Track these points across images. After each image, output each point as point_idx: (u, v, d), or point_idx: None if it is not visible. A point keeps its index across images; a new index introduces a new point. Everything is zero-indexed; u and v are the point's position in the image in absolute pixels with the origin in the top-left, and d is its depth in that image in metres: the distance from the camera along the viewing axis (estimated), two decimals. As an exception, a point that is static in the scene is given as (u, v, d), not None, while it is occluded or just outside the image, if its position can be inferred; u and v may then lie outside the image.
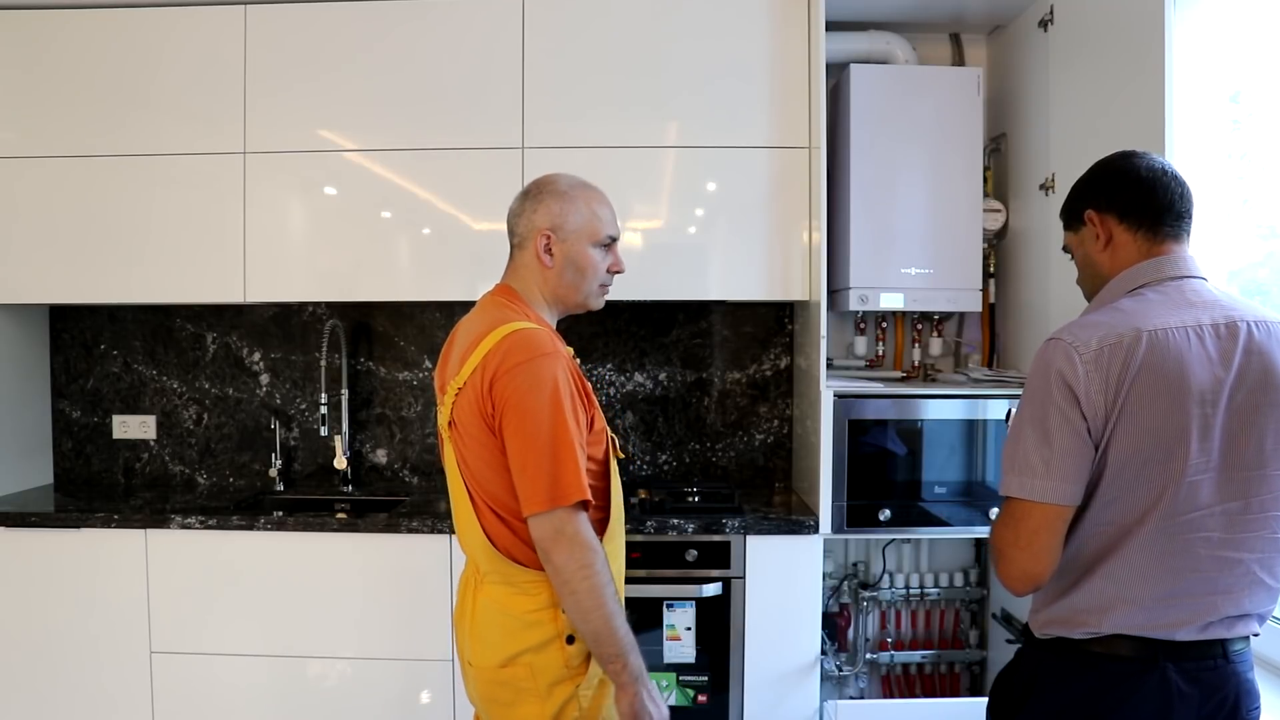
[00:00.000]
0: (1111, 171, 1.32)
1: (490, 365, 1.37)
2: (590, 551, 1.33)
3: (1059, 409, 1.20)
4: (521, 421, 1.34)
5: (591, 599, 1.32)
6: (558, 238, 1.49)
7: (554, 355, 1.38)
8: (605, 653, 1.35)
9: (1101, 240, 1.32)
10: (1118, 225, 1.30)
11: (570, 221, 1.49)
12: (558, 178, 1.53)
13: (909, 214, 2.43)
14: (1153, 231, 1.28)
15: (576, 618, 1.35)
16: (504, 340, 1.38)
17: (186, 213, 2.49)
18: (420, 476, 2.85)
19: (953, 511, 2.29)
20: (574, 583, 1.32)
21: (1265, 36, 1.78)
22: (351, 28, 2.46)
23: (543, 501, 1.32)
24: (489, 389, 1.36)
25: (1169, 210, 1.27)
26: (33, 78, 2.50)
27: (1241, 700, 1.24)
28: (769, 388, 2.80)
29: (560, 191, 1.50)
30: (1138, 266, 1.28)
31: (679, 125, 2.43)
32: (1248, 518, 1.21)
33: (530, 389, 1.34)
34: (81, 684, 2.34)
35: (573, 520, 1.33)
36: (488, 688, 1.45)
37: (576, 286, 1.52)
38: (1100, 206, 1.32)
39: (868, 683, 2.73)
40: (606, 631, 1.33)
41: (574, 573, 1.32)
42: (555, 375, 1.36)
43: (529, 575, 1.41)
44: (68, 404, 2.88)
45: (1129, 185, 1.29)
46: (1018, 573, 1.24)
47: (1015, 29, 2.57)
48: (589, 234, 1.51)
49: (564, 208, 1.49)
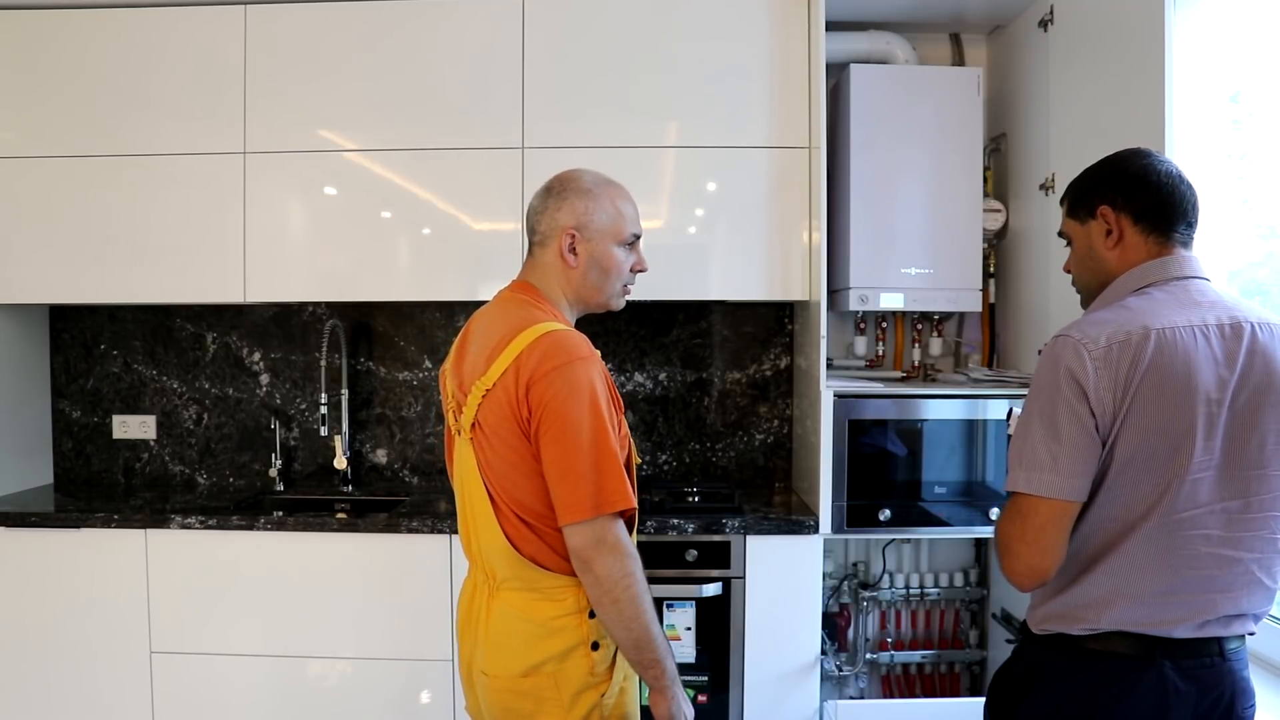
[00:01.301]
0: (1132, 172, 1.31)
1: (525, 368, 1.32)
2: (632, 560, 1.32)
3: (1068, 404, 1.20)
4: (563, 428, 1.30)
5: (633, 607, 1.30)
6: (582, 237, 1.45)
7: (590, 359, 1.34)
8: (645, 659, 1.33)
9: (1113, 237, 1.32)
10: (1131, 226, 1.30)
11: (595, 220, 1.45)
12: (581, 174, 1.49)
13: (909, 214, 2.43)
14: (1165, 236, 1.29)
15: (617, 626, 1.32)
16: (538, 342, 1.33)
17: (186, 213, 2.49)
18: (420, 476, 2.85)
19: (953, 511, 2.29)
20: (616, 591, 1.30)
21: (1265, 36, 1.78)
22: (352, 28, 2.46)
23: (586, 510, 1.29)
24: (525, 393, 1.32)
25: (1182, 218, 1.29)
26: (33, 78, 2.50)
27: (1237, 699, 1.24)
28: (769, 388, 2.80)
29: (585, 189, 1.46)
30: (1144, 266, 1.29)
31: (679, 125, 2.44)
32: (1247, 517, 1.22)
33: (570, 394, 1.30)
34: (81, 684, 2.34)
35: (614, 529, 1.31)
36: (506, 698, 1.40)
37: (600, 287, 1.48)
38: (1117, 204, 1.31)
39: (868, 683, 2.73)
40: (647, 639, 1.32)
41: (617, 581, 1.30)
42: (593, 380, 1.32)
43: (555, 580, 1.38)
44: (68, 404, 2.88)
45: (1148, 189, 1.29)
46: (1023, 568, 1.24)
47: (1015, 29, 2.57)
48: (614, 233, 1.46)
49: (589, 206, 1.45)
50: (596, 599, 1.33)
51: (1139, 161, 1.31)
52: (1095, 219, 1.34)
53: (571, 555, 1.33)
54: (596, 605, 1.33)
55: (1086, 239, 1.36)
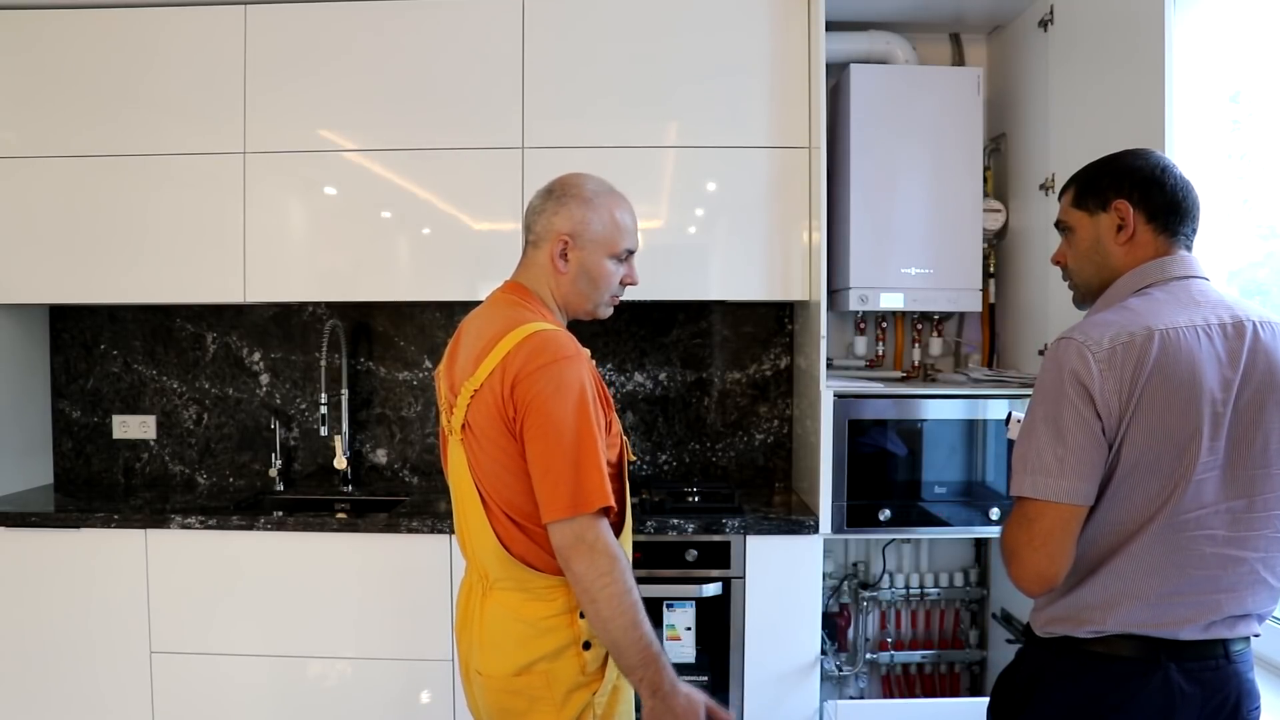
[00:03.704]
0: (1149, 170, 1.31)
1: (511, 367, 1.32)
2: (610, 559, 1.30)
3: (1073, 408, 1.19)
4: (545, 426, 1.30)
5: (610, 608, 1.28)
6: (575, 244, 1.45)
7: (577, 358, 1.34)
8: (626, 664, 1.32)
9: (1125, 233, 1.31)
10: (1144, 224, 1.30)
11: (590, 230, 1.45)
12: (584, 180, 1.48)
13: (909, 214, 2.43)
14: (1172, 236, 1.30)
15: (597, 625, 1.32)
16: (525, 341, 1.34)
17: (186, 213, 2.49)
18: (420, 476, 2.85)
19: (953, 511, 2.29)
20: (594, 591, 1.29)
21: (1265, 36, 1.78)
22: (351, 27, 2.46)
23: (564, 508, 1.29)
24: (510, 392, 1.32)
25: (1189, 219, 1.30)
26: (32, 78, 2.50)
27: (1242, 701, 1.24)
28: (769, 388, 2.80)
29: (585, 197, 1.45)
30: (1144, 266, 1.29)
31: (679, 125, 2.44)
32: (1252, 516, 1.22)
33: (554, 393, 1.30)
34: (81, 684, 2.34)
35: (594, 527, 1.30)
36: (500, 697, 1.41)
37: (587, 296, 1.49)
38: (1134, 200, 1.31)
39: (868, 683, 2.73)
40: (625, 642, 1.29)
41: (594, 581, 1.29)
42: (580, 378, 1.32)
43: (546, 580, 1.38)
44: (68, 404, 2.88)
45: (1164, 189, 1.29)
46: (1031, 574, 1.23)
47: (1015, 29, 2.57)
48: (607, 245, 1.46)
49: (587, 214, 1.44)
50: (579, 596, 1.33)
51: (1154, 160, 1.32)
52: (1107, 212, 1.32)
53: (555, 553, 1.33)
54: (581, 604, 1.34)
55: (1094, 231, 1.34)
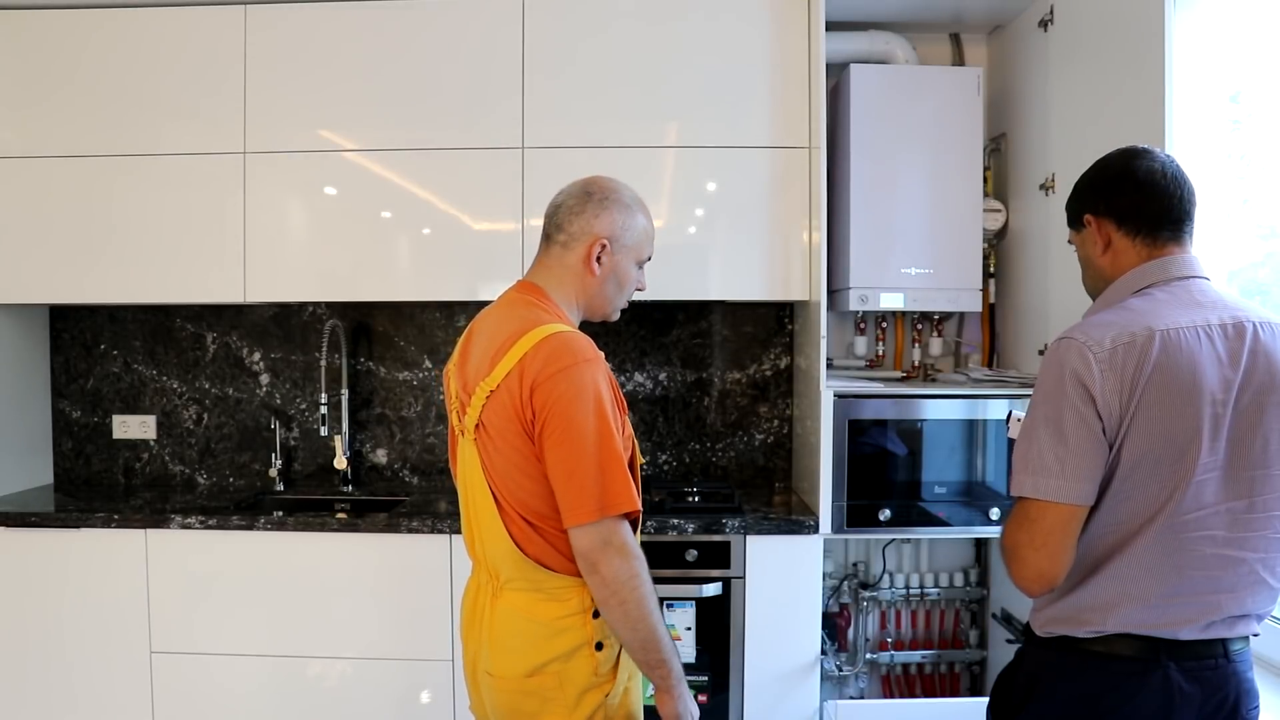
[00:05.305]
0: (1110, 176, 1.31)
1: (530, 370, 1.32)
2: (638, 561, 1.32)
3: (1074, 408, 1.19)
4: (567, 430, 1.30)
5: (640, 609, 1.31)
6: (612, 249, 1.47)
7: (595, 361, 1.35)
8: (652, 659, 1.34)
9: (1100, 245, 1.32)
10: (1116, 231, 1.30)
11: (627, 236, 1.48)
12: (620, 187, 1.51)
13: (909, 214, 2.43)
14: (1152, 237, 1.28)
15: (624, 627, 1.33)
16: (543, 343, 1.33)
17: (186, 213, 2.49)
18: (420, 476, 2.85)
19: (953, 511, 2.29)
20: (623, 593, 1.30)
21: (1265, 36, 1.78)
22: (352, 27, 2.46)
23: (591, 512, 1.29)
24: (529, 395, 1.32)
25: (1166, 216, 1.27)
26: (32, 78, 2.50)
27: (1241, 700, 1.24)
28: (769, 388, 2.80)
29: (625, 203, 1.48)
30: (1144, 267, 1.28)
31: (679, 125, 2.44)
32: (1251, 517, 1.22)
33: (575, 397, 1.30)
34: (81, 684, 2.34)
35: (619, 531, 1.31)
36: (511, 698, 1.41)
37: (610, 299, 1.51)
38: (1099, 211, 1.31)
39: (868, 683, 2.73)
40: (654, 639, 1.33)
41: (623, 583, 1.30)
42: (598, 382, 1.33)
43: (560, 581, 1.38)
44: (68, 404, 2.88)
45: (1126, 191, 1.28)
46: (1032, 574, 1.23)
47: (1015, 29, 2.57)
48: (637, 252, 1.50)
49: (626, 221, 1.47)
50: (603, 600, 1.33)
51: (1119, 163, 1.30)
52: (1087, 228, 1.34)
53: (577, 557, 1.33)
54: (603, 607, 1.34)
55: (1084, 248, 1.37)
